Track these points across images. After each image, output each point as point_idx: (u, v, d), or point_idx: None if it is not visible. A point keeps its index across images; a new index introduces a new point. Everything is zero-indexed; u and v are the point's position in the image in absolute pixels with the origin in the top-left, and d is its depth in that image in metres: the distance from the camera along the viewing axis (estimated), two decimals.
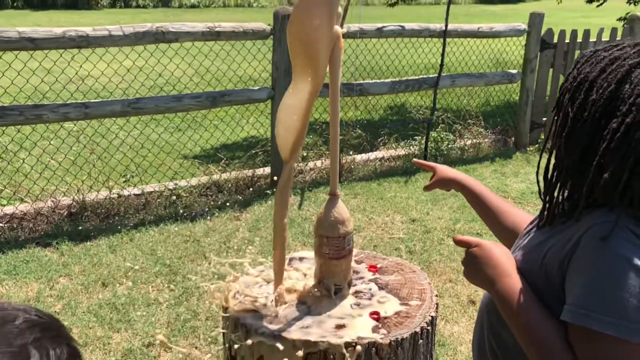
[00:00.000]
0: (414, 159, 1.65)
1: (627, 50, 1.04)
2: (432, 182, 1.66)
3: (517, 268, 1.15)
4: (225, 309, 1.66)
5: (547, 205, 1.14)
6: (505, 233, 1.46)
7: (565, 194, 1.13)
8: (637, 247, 0.97)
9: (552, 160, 1.15)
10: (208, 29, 4.17)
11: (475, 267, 1.17)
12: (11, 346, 0.67)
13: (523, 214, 1.49)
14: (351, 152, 5.28)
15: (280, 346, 1.51)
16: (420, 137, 5.62)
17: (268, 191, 4.50)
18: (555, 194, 1.13)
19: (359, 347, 1.52)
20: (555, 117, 1.12)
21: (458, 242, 1.22)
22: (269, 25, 4.42)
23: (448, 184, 1.62)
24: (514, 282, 1.10)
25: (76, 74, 4.64)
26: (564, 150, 1.07)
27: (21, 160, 4.70)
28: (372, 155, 5.39)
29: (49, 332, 0.70)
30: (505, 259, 1.15)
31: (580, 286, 0.99)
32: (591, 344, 0.97)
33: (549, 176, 1.14)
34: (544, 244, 1.12)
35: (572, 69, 1.10)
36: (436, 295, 1.80)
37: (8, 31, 3.56)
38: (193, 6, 24.13)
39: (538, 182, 1.21)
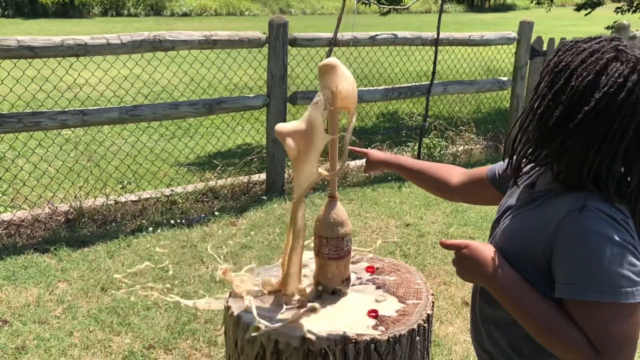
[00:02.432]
0: (350, 146, 1.71)
1: (605, 45, 1.15)
2: (366, 165, 1.83)
3: (506, 249, 1.25)
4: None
5: (513, 167, 1.28)
6: (436, 184, 1.72)
7: (529, 161, 1.25)
8: (608, 223, 1.09)
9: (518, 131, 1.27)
10: (205, 38, 4.23)
11: (469, 266, 1.25)
12: None
13: (440, 165, 1.75)
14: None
15: (281, 341, 1.56)
16: (413, 144, 5.70)
17: (264, 197, 4.56)
18: (517, 157, 1.26)
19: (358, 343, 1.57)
20: (533, 100, 1.23)
21: (447, 246, 1.31)
22: (264, 33, 4.50)
23: (378, 165, 1.81)
24: (506, 273, 1.19)
25: (74, 81, 4.69)
26: (536, 126, 1.19)
27: (19, 167, 4.73)
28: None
29: None
30: (493, 255, 1.23)
31: (568, 266, 1.11)
32: (589, 313, 1.08)
33: (514, 145, 1.27)
34: (524, 231, 1.23)
35: (553, 56, 1.20)
36: (432, 294, 1.86)
37: (7, 39, 3.61)
38: (185, 14, 24.20)
39: (505, 145, 1.35)
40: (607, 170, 1.13)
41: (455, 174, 1.69)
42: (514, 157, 1.27)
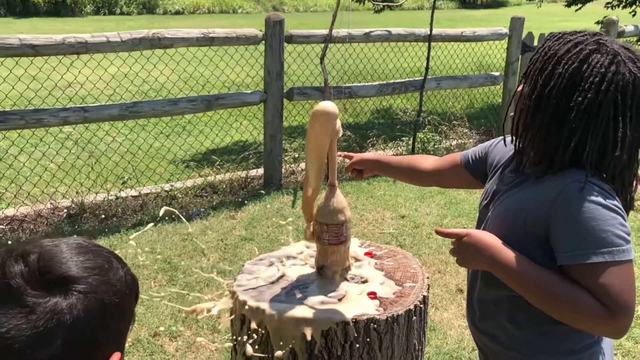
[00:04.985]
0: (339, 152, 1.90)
1: (588, 38, 1.28)
2: (348, 165, 1.98)
3: (505, 231, 1.35)
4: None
5: (520, 155, 1.37)
6: (410, 172, 1.84)
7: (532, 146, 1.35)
8: (598, 192, 1.22)
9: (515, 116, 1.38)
10: (202, 35, 4.31)
11: (472, 253, 1.34)
12: (102, 255, 0.83)
13: (412, 155, 1.88)
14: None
15: (284, 324, 1.66)
16: (407, 138, 5.80)
17: (262, 191, 4.65)
18: (524, 146, 1.36)
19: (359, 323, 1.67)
20: (524, 83, 1.34)
21: (446, 235, 1.39)
22: (260, 30, 4.58)
23: (357, 163, 1.94)
24: (508, 252, 1.29)
25: (75, 79, 4.76)
26: (532, 110, 1.30)
27: (22, 164, 4.80)
28: None
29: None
30: (492, 239, 1.32)
31: (569, 235, 1.22)
32: (594, 274, 1.19)
33: (515, 129, 1.37)
34: (520, 211, 1.32)
35: (541, 45, 1.32)
36: (427, 277, 1.96)
37: (9, 38, 3.68)
38: (178, 13, 24.18)
39: (503, 127, 1.48)
40: (590, 151, 1.25)
41: (427, 161, 1.81)
42: (517, 141, 1.38)
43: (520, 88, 1.36)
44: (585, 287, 1.20)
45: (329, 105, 1.63)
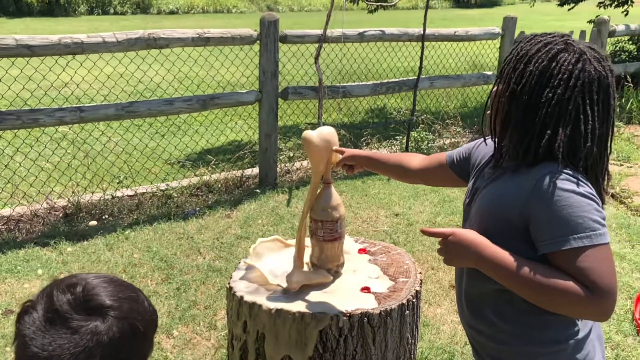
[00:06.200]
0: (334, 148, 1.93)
1: (556, 39, 1.37)
2: (339, 160, 1.99)
3: (485, 225, 1.40)
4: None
5: (498, 151, 1.45)
6: (398, 169, 1.90)
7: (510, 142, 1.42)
8: (572, 181, 1.28)
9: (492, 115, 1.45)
10: (198, 35, 4.34)
11: (458, 251, 1.38)
12: (131, 289, 1.00)
13: (401, 153, 1.94)
14: None
15: (281, 319, 1.70)
16: (401, 137, 5.85)
17: (257, 190, 4.68)
18: (500, 141, 1.44)
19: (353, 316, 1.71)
20: (499, 82, 1.42)
21: (431, 234, 1.43)
22: (255, 31, 4.61)
23: (349, 159, 1.97)
24: (492, 248, 1.34)
25: (71, 79, 4.78)
26: (507, 107, 1.38)
27: (18, 164, 4.81)
28: None
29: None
30: (475, 236, 1.37)
31: (548, 224, 1.27)
32: (575, 259, 1.24)
33: (493, 127, 1.45)
34: (498, 204, 1.39)
35: (514, 46, 1.40)
36: (420, 273, 2.00)
37: (5, 38, 3.70)
38: (172, 12, 24.15)
39: (482, 127, 1.57)
40: (561, 143, 1.32)
41: (415, 160, 1.88)
42: (495, 139, 1.45)
43: (495, 88, 1.44)
44: (567, 272, 1.25)
45: (313, 136, 1.79)
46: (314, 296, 1.80)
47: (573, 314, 1.30)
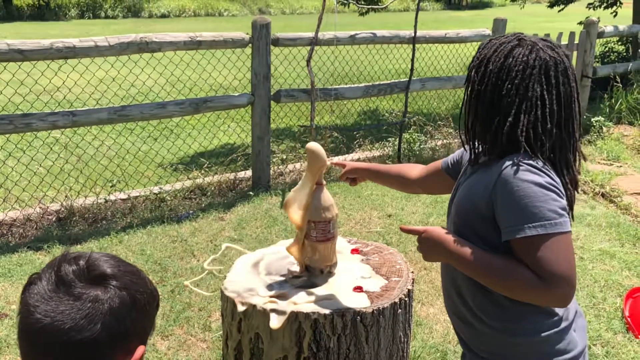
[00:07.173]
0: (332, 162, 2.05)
1: (510, 38, 1.46)
2: (342, 173, 2.11)
3: (461, 217, 1.49)
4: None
5: (472, 150, 1.53)
6: (398, 180, 1.98)
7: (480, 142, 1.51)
8: (531, 172, 1.34)
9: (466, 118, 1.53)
10: (190, 39, 4.36)
11: (430, 247, 1.48)
12: (133, 266, 1.04)
13: (402, 164, 2.03)
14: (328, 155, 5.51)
15: (275, 317, 1.72)
16: (393, 139, 5.88)
17: (250, 193, 4.70)
18: (473, 141, 1.52)
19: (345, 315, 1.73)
20: (466, 87, 1.51)
21: (408, 231, 1.54)
22: (247, 34, 4.63)
23: (351, 172, 2.07)
24: (461, 244, 1.43)
25: (63, 83, 4.78)
26: (474, 108, 1.47)
27: (10, 168, 4.81)
28: (348, 157, 5.63)
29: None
30: (445, 233, 1.46)
31: (507, 212, 1.35)
32: (530, 248, 1.31)
33: (465, 129, 1.53)
34: (470, 197, 1.47)
35: (476, 53, 1.49)
36: (412, 272, 2.03)
37: None
38: (163, 16, 24.15)
39: (460, 135, 1.63)
40: (523, 128, 1.39)
41: (414, 170, 1.96)
42: (469, 139, 1.53)
43: (464, 94, 1.52)
44: (524, 261, 1.32)
45: (319, 148, 1.89)
46: (308, 296, 1.82)
47: (535, 301, 1.35)
